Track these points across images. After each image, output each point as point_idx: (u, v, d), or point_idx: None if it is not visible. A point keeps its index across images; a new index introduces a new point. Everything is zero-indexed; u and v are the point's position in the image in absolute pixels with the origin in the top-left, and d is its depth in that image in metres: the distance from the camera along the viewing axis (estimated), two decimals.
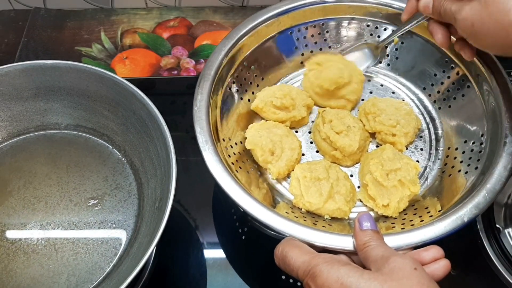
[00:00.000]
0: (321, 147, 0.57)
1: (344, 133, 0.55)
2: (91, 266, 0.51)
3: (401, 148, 0.56)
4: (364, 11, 0.63)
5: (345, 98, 0.60)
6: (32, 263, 0.51)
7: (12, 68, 0.55)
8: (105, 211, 0.55)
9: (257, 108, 0.59)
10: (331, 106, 0.60)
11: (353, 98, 0.60)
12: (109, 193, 0.56)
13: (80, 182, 0.57)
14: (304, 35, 0.64)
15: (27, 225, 0.54)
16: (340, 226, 0.51)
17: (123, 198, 0.56)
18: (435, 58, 0.61)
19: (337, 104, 0.61)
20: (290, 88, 0.59)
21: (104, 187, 0.56)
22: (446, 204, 0.50)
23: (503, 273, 0.54)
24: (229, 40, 0.58)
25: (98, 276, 0.50)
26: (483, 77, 0.55)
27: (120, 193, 0.56)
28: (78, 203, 0.55)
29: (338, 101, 0.61)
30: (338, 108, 0.60)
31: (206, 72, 0.55)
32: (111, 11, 0.85)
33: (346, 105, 0.61)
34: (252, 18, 0.60)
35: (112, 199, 0.56)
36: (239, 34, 0.59)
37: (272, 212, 0.45)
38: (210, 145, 0.49)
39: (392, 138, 0.57)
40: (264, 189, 0.54)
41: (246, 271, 0.57)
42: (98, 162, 0.58)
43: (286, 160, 0.54)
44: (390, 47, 0.64)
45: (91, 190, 0.56)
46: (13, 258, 0.52)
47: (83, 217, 0.54)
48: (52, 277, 0.50)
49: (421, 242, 0.43)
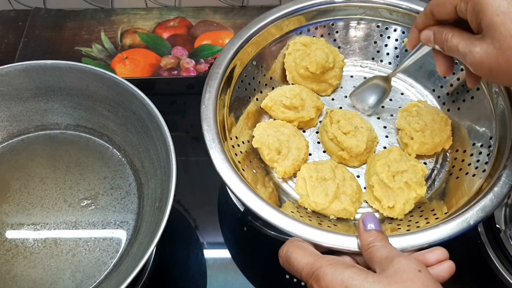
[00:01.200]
0: (328, 147, 0.57)
1: (352, 133, 0.55)
2: (91, 266, 0.51)
3: (410, 152, 0.56)
4: (373, 12, 0.63)
5: (327, 82, 0.61)
6: (33, 262, 0.51)
7: (12, 68, 0.55)
8: (105, 211, 0.55)
9: (267, 107, 0.59)
10: (313, 89, 0.61)
11: (335, 83, 0.61)
12: (109, 193, 0.56)
13: (80, 182, 0.57)
14: (314, 34, 0.64)
15: (27, 225, 0.54)
16: (345, 226, 0.51)
17: (123, 198, 0.56)
18: None
19: (318, 88, 0.61)
20: (302, 89, 0.60)
21: (104, 187, 0.56)
22: (453, 207, 0.49)
23: (503, 273, 0.54)
24: (238, 39, 0.58)
25: (98, 276, 0.50)
26: None
27: (120, 193, 0.56)
28: (78, 203, 0.55)
29: (320, 84, 0.61)
30: (319, 91, 0.61)
31: (215, 71, 0.55)
32: (111, 11, 0.85)
33: (327, 89, 0.62)
34: (261, 17, 0.60)
35: (112, 199, 0.56)
36: (248, 33, 0.59)
37: (278, 211, 0.45)
38: (217, 144, 0.49)
39: (407, 139, 0.56)
40: (270, 188, 0.54)
41: (248, 270, 0.57)
42: (98, 162, 0.58)
43: (292, 160, 0.54)
44: (400, 48, 0.64)
45: (91, 190, 0.56)
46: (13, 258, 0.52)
47: (82, 217, 0.54)
48: (55, 275, 0.50)
49: (426, 244, 0.43)
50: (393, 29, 0.64)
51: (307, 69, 0.60)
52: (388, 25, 0.64)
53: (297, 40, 0.62)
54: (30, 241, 0.53)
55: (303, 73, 0.60)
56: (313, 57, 0.59)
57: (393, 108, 0.61)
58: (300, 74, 0.61)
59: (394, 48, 0.64)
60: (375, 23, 0.64)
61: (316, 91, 0.62)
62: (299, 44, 0.61)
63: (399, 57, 0.64)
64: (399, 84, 0.64)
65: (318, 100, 0.60)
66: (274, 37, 0.62)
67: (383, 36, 0.64)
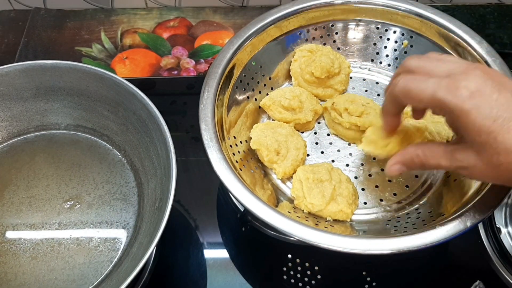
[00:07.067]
0: (349, 136, 0.57)
1: (365, 112, 0.56)
2: (91, 266, 0.51)
3: None
4: (373, 13, 0.63)
5: (333, 87, 0.61)
6: (33, 263, 0.51)
7: (12, 68, 0.55)
8: (105, 211, 0.55)
9: (265, 106, 0.59)
10: (319, 94, 0.61)
11: (340, 89, 0.61)
12: (109, 193, 0.56)
13: (80, 182, 0.57)
14: (313, 35, 0.64)
15: (27, 225, 0.54)
16: (342, 227, 0.51)
17: (123, 198, 0.56)
18: None
19: (324, 93, 0.61)
20: (302, 91, 0.60)
21: (104, 187, 0.56)
22: (450, 209, 0.49)
23: (503, 273, 0.54)
24: (238, 39, 0.58)
25: (98, 276, 0.50)
26: None
27: (120, 193, 0.56)
28: (78, 203, 0.55)
29: (326, 90, 0.61)
30: (325, 97, 0.61)
31: (214, 70, 0.55)
32: (111, 11, 0.85)
33: (333, 94, 0.62)
34: (261, 18, 0.60)
35: (112, 199, 0.56)
36: (247, 33, 0.59)
37: (275, 211, 0.45)
38: (214, 143, 0.49)
39: None
40: (268, 190, 0.54)
41: (248, 270, 0.57)
42: (98, 162, 0.58)
43: (291, 160, 0.54)
44: (400, 49, 0.64)
45: (91, 190, 0.56)
46: (13, 258, 0.52)
47: (82, 217, 0.54)
48: (55, 275, 0.51)
49: (423, 246, 0.43)
50: (392, 31, 0.64)
51: (312, 74, 0.60)
52: (387, 26, 0.63)
53: (303, 48, 0.62)
54: (30, 242, 0.53)
55: (309, 78, 0.60)
56: (318, 62, 0.59)
57: None
58: (305, 79, 0.61)
59: (393, 49, 0.64)
60: (374, 24, 0.64)
61: (321, 96, 0.62)
62: (305, 51, 0.62)
63: (398, 59, 0.64)
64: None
65: (317, 104, 0.60)
66: (273, 38, 0.62)
67: (382, 38, 0.64)
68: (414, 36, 0.62)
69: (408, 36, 0.63)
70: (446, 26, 0.59)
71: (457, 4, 0.83)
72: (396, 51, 0.64)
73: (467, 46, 0.57)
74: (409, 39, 0.63)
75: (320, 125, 0.61)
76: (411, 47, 0.63)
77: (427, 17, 0.60)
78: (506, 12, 0.82)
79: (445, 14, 0.60)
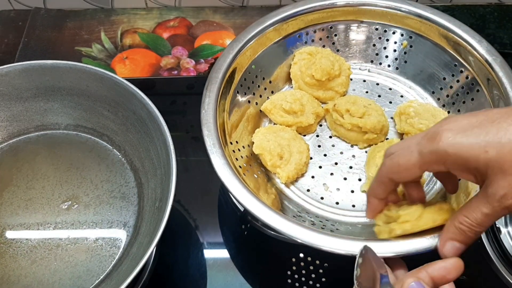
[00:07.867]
0: (351, 138, 0.58)
1: (366, 114, 0.56)
2: (91, 266, 0.51)
3: None
4: (372, 15, 0.63)
5: (334, 90, 0.61)
6: (32, 263, 0.51)
7: (12, 68, 0.55)
8: (105, 211, 0.55)
9: (266, 109, 0.59)
10: (319, 97, 0.61)
11: (341, 91, 0.61)
12: (109, 193, 0.56)
13: (80, 182, 0.57)
14: (313, 38, 0.64)
15: (26, 225, 0.54)
16: (347, 230, 0.51)
17: (123, 198, 0.56)
18: (444, 61, 0.61)
19: (325, 96, 0.61)
20: (303, 94, 0.59)
21: (104, 187, 0.56)
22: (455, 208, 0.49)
23: (503, 273, 0.54)
24: (237, 43, 0.58)
25: (98, 276, 0.50)
26: (493, 81, 0.54)
27: (120, 193, 0.56)
28: (77, 203, 0.55)
29: (326, 92, 0.61)
30: (326, 99, 0.61)
31: (214, 75, 0.55)
32: (111, 11, 0.85)
33: (334, 96, 0.62)
34: (260, 21, 0.60)
35: (112, 199, 0.56)
36: (247, 37, 0.59)
37: (282, 216, 0.45)
38: (217, 148, 0.49)
39: None
40: (272, 195, 0.53)
41: (248, 270, 0.57)
42: (98, 162, 0.58)
43: (295, 164, 0.54)
44: (399, 50, 0.64)
45: (90, 190, 0.56)
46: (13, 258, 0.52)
47: (82, 217, 0.54)
48: (55, 275, 0.51)
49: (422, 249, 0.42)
50: (391, 32, 0.63)
51: (312, 77, 0.60)
52: (387, 27, 0.63)
53: (303, 50, 0.62)
54: (30, 242, 0.53)
55: (309, 81, 0.60)
56: (318, 64, 0.59)
57: (393, 110, 0.61)
58: (306, 82, 0.61)
59: (393, 50, 0.64)
60: (374, 25, 0.64)
61: (322, 99, 0.61)
62: (304, 53, 0.61)
63: (398, 59, 0.64)
64: (399, 86, 0.64)
65: (318, 107, 0.60)
66: (273, 41, 0.62)
67: (382, 39, 0.64)
68: (413, 36, 0.62)
69: (408, 37, 0.63)
70: (446, 26, 0.59)
71: (457, 4, 0.83)
72: (395, 51, 0.64)
73: (467, 45, 0.58)
74: (409, 40, 0.63)
75: (322, 128, 0.61)
76: (411, 47, 0.63)
77: (426, 17, 0.60)
78: (506, 12, 0.82)
79: (445, 14, 0.60)
